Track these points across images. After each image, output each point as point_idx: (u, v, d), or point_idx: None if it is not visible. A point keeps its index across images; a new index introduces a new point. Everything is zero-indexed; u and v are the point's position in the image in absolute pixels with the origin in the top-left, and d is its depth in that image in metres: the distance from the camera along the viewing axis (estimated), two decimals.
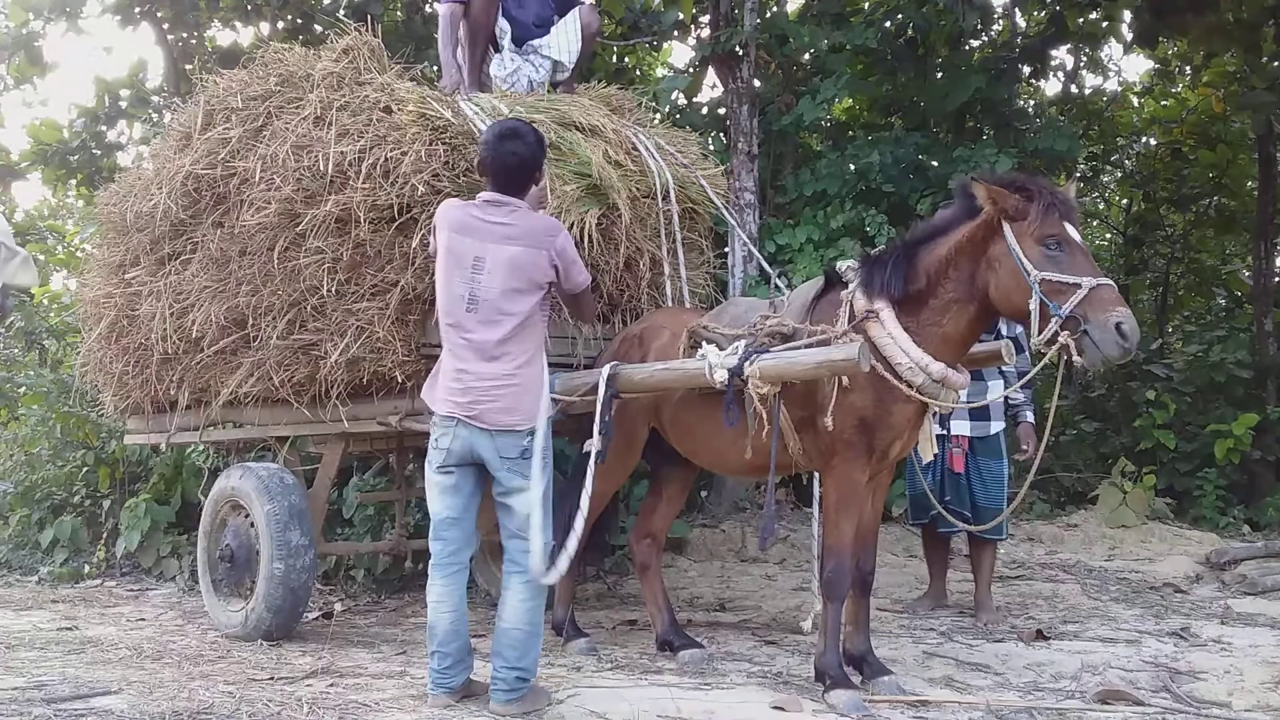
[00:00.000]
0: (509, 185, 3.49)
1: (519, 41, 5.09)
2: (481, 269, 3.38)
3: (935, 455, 4.07)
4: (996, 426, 5.21)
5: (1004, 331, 4.76)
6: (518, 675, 3.29)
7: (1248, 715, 3.43)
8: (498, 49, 5.12)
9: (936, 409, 3.61)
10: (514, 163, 3.47)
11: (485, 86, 5.13)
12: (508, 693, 3.28)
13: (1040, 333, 3.25)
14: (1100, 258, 11.96)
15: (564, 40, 5.09)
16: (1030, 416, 5.26)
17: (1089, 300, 3.19)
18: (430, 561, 3.49)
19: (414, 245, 4.06)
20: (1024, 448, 5.20)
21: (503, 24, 5.05)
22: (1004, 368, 4.71)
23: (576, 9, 5.18)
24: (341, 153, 4.11)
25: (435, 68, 5.52)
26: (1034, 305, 3.25)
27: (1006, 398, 5.13)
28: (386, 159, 4.05)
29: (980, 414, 5.10)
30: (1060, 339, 3.21)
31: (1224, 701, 3.58)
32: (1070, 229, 3.31)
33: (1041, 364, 3.53)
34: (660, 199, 4.71)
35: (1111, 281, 3.28)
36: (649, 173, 4.69)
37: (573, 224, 4.25)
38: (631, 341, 4.26)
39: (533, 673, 3.32)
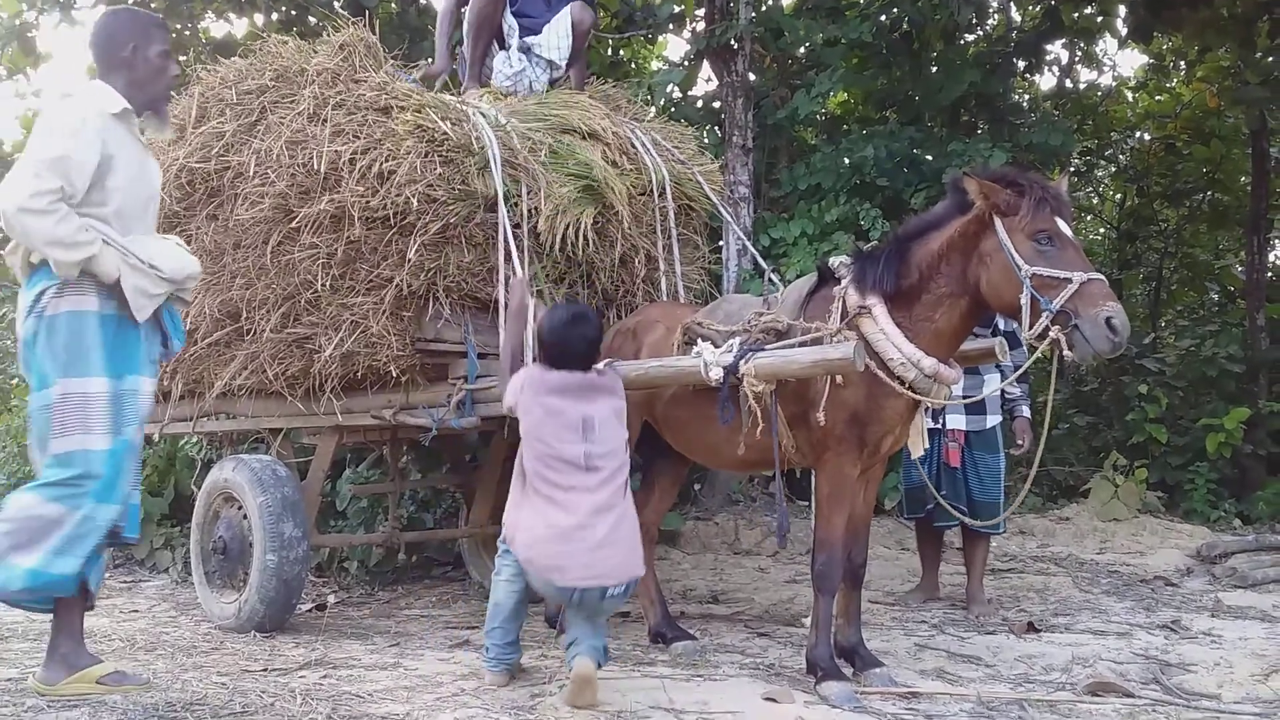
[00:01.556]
0: (578, 363, 3.57)
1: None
2: (592, 427, 3.45)
3: (927, 450, 4.08)
4: (993, 420, 5.22)
5: (1001, 327, 4.77)
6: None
7: (1237, 707, 3.45)
8: (504, 46, 5.10)
9: (928, 404, 3.63)
10: (584, 347, 3.57)
11: (485, 81, 5.12)
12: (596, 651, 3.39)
13: (1031, 327, 3.26)
14: (1094, 252, 12.00)
15: (554, 39, 5.06)
16: (1026, 411, 5.28)
17: (1079, 295, 3.19)
18: (504, 555, 3.61)
19: (410, 247, 4.06)
20: (1019, 442, 5.21)
21: (511, 22, 5.02)
22: (1001, 363, 4.73)
23: (567, 6, 5.15)
24: (336, 152, 4.09)
25: (429, 60, 5.50)
26: (1024, 300, 3.26)
27: (1003, 392, 5.16)
28: (381, 165, 4.03)
29: (976, 408, 5.11)
30: (1051, 334, 3.22)
31: (1214, 693, 3.60)
32: (1061, 224, 3.31)
33: (1033, 358, 3.54)
34: (656, 195, 4.71)
35: (1102, 276, 3.27)
36: (645, 169, 4.70)
37: (569, 224, 4.26)
38: (625, 335, 4.26)
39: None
